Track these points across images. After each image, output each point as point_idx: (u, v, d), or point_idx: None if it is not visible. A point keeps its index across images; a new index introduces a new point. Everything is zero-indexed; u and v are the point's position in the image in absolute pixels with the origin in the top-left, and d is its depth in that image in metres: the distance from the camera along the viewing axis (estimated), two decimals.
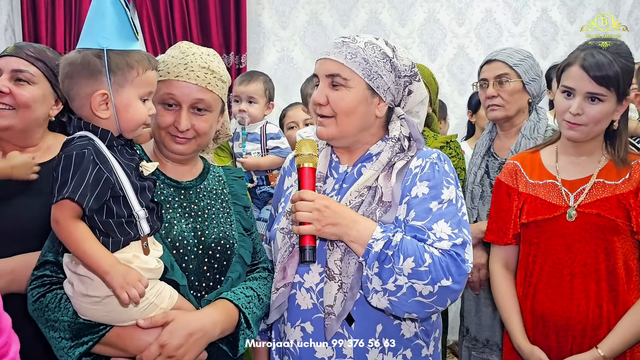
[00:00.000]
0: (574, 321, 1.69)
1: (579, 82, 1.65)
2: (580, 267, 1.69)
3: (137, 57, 1.28)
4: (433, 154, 1.48)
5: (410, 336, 1.45)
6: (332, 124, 1.47)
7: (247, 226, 1.61)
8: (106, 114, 1.27)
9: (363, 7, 4.78)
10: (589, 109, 1.64)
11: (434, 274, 1.31)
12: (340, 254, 1.39)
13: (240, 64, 4.49)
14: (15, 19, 4.29)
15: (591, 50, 1.66)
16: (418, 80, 1.51)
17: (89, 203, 1.20)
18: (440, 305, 1.34)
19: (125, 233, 1.28)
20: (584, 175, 1.73)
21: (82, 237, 1.22)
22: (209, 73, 1.46)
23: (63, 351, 1.30)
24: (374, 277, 1.33)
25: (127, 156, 1.31)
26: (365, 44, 1.45)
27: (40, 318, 1.32)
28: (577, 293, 1.69)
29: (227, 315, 1.42)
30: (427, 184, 1.42)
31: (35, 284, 1.35)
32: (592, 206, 1.68)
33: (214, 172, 1.62)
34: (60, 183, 1.20)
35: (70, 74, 1.27)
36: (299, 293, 1.46)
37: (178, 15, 4.42)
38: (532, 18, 5.07)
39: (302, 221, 1.35)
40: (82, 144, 1.24)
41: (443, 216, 1.38)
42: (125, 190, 1.27)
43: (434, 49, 4.91)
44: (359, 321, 1.41)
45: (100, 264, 1.20)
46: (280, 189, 1.67)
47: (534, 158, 1.85)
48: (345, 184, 1.50)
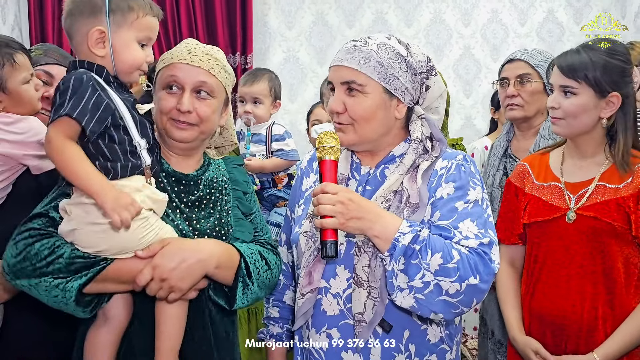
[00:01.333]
0: (569, 321, 1.69)
1: (554, 78, 1.72)
2: (577, 269, 1.69)
3: (138, 1, 1.31)
4: (459, 155, 1.45)
5: (435, 341, 1.42)
6: (351, 130, 1.43)
7: (245, 210, 1.58)
8: (102, 52, 1.29)
9: (369, 7, 4.78)
10: (563, 102, 1.69)
11: (462, 272, 1.26)
12: (367, 260, 1.34)
13: (246, 64, 4.49)
14: (22, 19, 4.30)
15: (572, 49, 1.73)
16: (435, 75, 1.47)
17: (90, 124, 1.19)
18: (467, 305, 1.30)
19: (130, 161, 1.28)
20: (587, 178, 1.73)
21: (74, 157, 1.20)
22: (212, 59, 1.45)
23: (57, 289, 1.24)
24: (400, 274, 1.29)
25: (124, 93, 1.32)
26: (377, 46, 1.40)
27: (24, 269, 1.24)
28: (572, 294, 1.69)
29: (226, 250, 1.39)
30: (453, 185, 1.39)
31: (20, 237, 1.27)
32: (590, 209, 1.68)
33: (215, 164, 1.61)
34: (58, 104, 1.20)
35: (72, 11, 1.29)
36: (325, 299, 1.41)
37: (184, 15, 4.43)
38: (538, 19, 5.05)
39: (324, 214, 1.30)
40: (80, 71, 1.25)
41: (469, 215, 1.35)
42: (125, 119, 1.27)
43: (439, 49, 4.90)
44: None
45: (92, 183, 1.19)
46: (298, 190, 1.63)
47: (543, 160, 1.86)
48: (369, 186, 1.46)
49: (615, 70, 1.66)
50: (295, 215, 1.61)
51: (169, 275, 1.27)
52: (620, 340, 1.63)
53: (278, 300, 1.65)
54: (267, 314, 1.66)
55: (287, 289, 1.66)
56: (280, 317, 1.65)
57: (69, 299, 1.25)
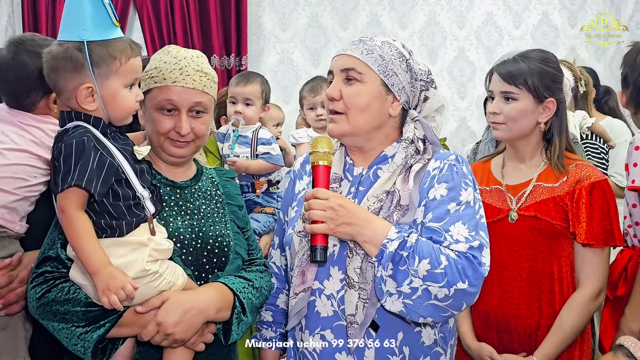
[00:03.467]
0: (514, 324, 1.73)
1: (494, 85, 1.80)
2: (520, 270, 1.74)
3: (119, 47, 1.29)
4: (451, 155, 1.46)
5: (430, 343, 1.42)
6: (344, 120, 1.45)
7: (241, 225, 1.61)
8: (93, 105, 1.29)
9: (363, 9, 4.78)
10: (504, 107, 1.76)
11: (449, 277, 1.27)
12: (359, 262, 1.36)
13: (240, 65, 4.49)
14: (16, 20, 4.29)
15: (509, 58, 1.80)
16: (435, 88, 1.50)
17: (97, 188, 1.22)
18: (456, 309, 1.31)
19: (135, 215, 1.30)
20: (525, 180, 1.80)
21: (82, 231, 1.23)
22: (204, 75, 1.48)
23: (78, 339, 1.29)
24: (388, 279, 1.30)
25: (121, 142, 1.32)
26: (382, 42, 1.46)
27: (47, 313, 1.32)
28: (517, 296, 1.74)
29: (222, 295, 1.42)
30: (445, 185, 1.40)
31: (37, 281, 1.34)
32: (530, 209, 1.74)
33: (207, 173, 1.64)
34: (64, 171, 1.21)
35: (55, 68, 1.28)
36: (319, 300, 1.42)
37: (179, 17, 4.42)
38: (532, 21, 5.06)
39: (315, 220, 1.33)
40: (80, 132, 1.25)
41: (460, 218, 1.36)
42: (126, 173, 1.29)
43: (434, 51, 4.91)
44: (380, 329, 1.38)
45: (92, 262, 1.22)
46: (290, 193, 1.64)
47: (485, 166, 1.94)
48: (362, 186, 1.47)
49: (549, 76, 1.76)
50: (287, 217, 1.62)
51: (173, 330, 1.32)
52: (557, 339, 1.69)
53: (271, 304, 1.65)
54: (260, 317, 1.66)
55: (280, 293, 1.65)
56: (273, 321, 1.65)
57: (87, 349, 1.30)
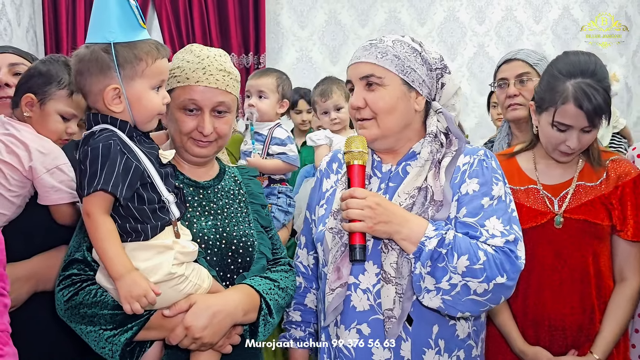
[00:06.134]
0: (570, 321, 1.71)
1: (575, 120, 1.64)
2: (570, 272, 1.70)
3: (145, 48, 1.28)
4: (480, 150, 1.48)
5: (463, 336, 1.44)
6: (373, 125, 1.46)
7: (264, 224, 1.61)
8: (120, 107, 1.28)
9: (382, 6, 4.75)
10: (583, 139, 1.67)
11: (488, 272, 1.30)
12: (395, 257, 1.37)
13: (259, 64, 4.49)
14: (37, 21, 4.33)
15: (585, 91, 1.62)
16: (449, 73, 1.51)
17: (123, 192, 1.22)
18: (494, 302, 1.34)
19: (160, 218, 1.29)
20: (564, 180, 1.74)
21: (106, 236, 1.23)
22: (227, 75, 1.47)
23: (106, 342, 1.29)
24: (427, 276, 1.32)
25: (146, 145, 1.32)
26: (393, 42, 1.46)
27: (75, 316, 1.32)
28: (569, 294, 1.70)
29: (248, 297, 1.42)
30: (476, 180, 1.41)
31: (64, 284, 1.34)
32: (578, 212, 1.70)
33: (230, 172, 1.63)
34: (90, 175, 1.20)
35: (81, 70, 1.28)
36: (355, 294, 1.43)
37: (197, 15, 4.43)
38: (553, 16, 5.00)
39: (353, 218, 1.34)
40: (106, 135, 1.24)
41: (495, 212, 1.38)
42: (152, 177, 1.28)
43: (453, 47, 4.87)
44: (416, 322, 1.40)
45: (115, 267, 1.22)
46: (318, 191, 1.64)
47: (512, 163, 1.84)
48: (392, 182, 1.48)
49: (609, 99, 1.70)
50: (315, 216, 1.62)
51: (201, 334, 1.32)
52: (613, 334, 1.69)
53: (299, 303, 1.65)
54: (289, 317, 1.66)
55: (308, 292, 1.65)
56: (302, 320, 1.65)
57: (115, 352, 1.30)
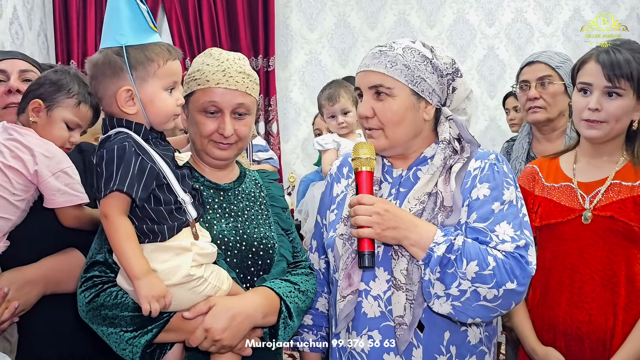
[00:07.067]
0: (586, 331, 1.62)
1: (595, 77, 1.59)
2: (592, 274, 1.62)
3: (156, 50, 1.29)
4: (491, 155, 1.46)
5: (475, 342, 1.43)
6: (381, 135, 1.44)
7: (285, 227, 1.61)
8: (133, 109, 1.29)
9: (391, 8, 4.74)
10: (607, 104, 1.58)
11: (498, 278, 1.29)
12: (405, 263, 1.36)
13: (268, 67, 4.49)
14: (48, 24, 4.36)
15: (606, 48, 1.62)
16: (460, 76, 1.49)
17: (138, 193, 1.23)
18: (505, 308, 1.33)
19: (177, 219, 1.30)
20: (601, 177, 1.67)
21: (125, 237, 1.24)
22: (246, 77, 1.48)
23: (126, 343, 1.31)
24: (436, 282, 1.31)
25: (162, 147, 1.33)
26: (403, 49, 1.43)
27: (96, 317, 1.33)
28: (589, 301, 1.62)
29: (268, 300, 1.42)
30: (487, 185, 1.40)
31: (85, 285, 1.36)
32: (606, 209, 1.62)
33: (250, 175, 1.64)
34: (106, 177, 1.22)
35: (96, 75, 1.30)
36: (366, 301, 1.43)
37: (207, 18, 4.44)
38: (564, 18, 4.97)
39: (361, 225, 1.33)
40: (121, 138, 1.26)
41: (505, 217, 1.36)
42: (168, 178, 1.29)
43: (463, 50, 4.85)
44: (427, 328, 1.39)
45: (134, 268, 1.23)
46: (328, 196, 1.64)
47: (553, 162, 1.81)
48: (403, 188, 1.47)
49: None
50: (327, 221, 1.62)
51: (221, 336, 1.32)
52: (637, 348, 1.56)
53: (311, 307, 1.64)
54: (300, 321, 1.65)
55: (319, 296, 1.64)
56: (314, 324, 1.65)
57: (135, 354, 1.31)
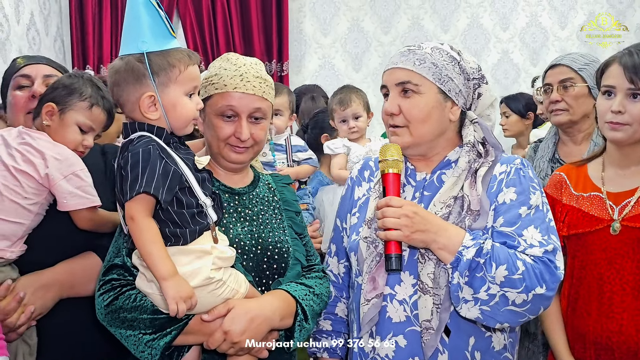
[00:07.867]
0: (616, 342, 1.59)
1: (618, 79, 1.58)
2: (622, 284, 1.60)
3: (177, 56, 1.32)
4: (516, 159, 1.46)
5: (499, 348, 1.42)
6: (406, 132, 1.45)
7: (299, 231, 1.62)
8: (156, 114, 1.32)
9: (405, 13, 4.74)
10: (631, 106, 1.56)
11: (527, 282, 1.28)
12: (432, 267, 1.36)
13: (282, 71, 4.51)
14: (64, 30, 4.40)
15: (629, 50, 1.60)
16: (486, 83, 1.50)
17: (164, 195, 1.24)
18: (533, 313, 1.32)
19: (198, 223, 1.32)
20: (631, 187, 1.64)
21: (152, 239, 1.26)
22: (263, 82, 1.50)
23: (145, 346, 1.32)
24: (465, 286, 1.31)
25: (182, 151, 1.35)
26: (431, 49, 1.45)
27: (115, 320, 1.34)
28: (619, 311, 1.59)
29: (285, 303, 1.43)
30: (514, 189, 1.40)
31: (104, 288, 1.37)
32: (636, 219, 1.59)
33: (264, 179, 1.65)
34: (132, 179, 1.24)
35: (118, 81, 1.32)
36: (391, 305, 1.42)
37: (221, 23, 4.47)
38: (579, 22, 4.94)
39: (389, 227, 1.33)
40: (145, 141, 1.28)
41: (532, 222, 1.36)
42: (190, 181, 1.31)
43: (477, 54, 4.83)
44: (453, 333, 1.38)
45: (161, 269, 1.25)
46: (349, 200, 1.64)
47: (581, 170, 1.78)
48: (427, 191, 1.47)
49: None
50: (347, 224, 1.61)
51: (240, 338, 1.34)
52: None
53: (330, 313, 1.63)
54: (319, 327, 1.64)
55: (338, 301, 1.63)
56: (333, 330, 1.63)
57: (154, 356, 1.33)
